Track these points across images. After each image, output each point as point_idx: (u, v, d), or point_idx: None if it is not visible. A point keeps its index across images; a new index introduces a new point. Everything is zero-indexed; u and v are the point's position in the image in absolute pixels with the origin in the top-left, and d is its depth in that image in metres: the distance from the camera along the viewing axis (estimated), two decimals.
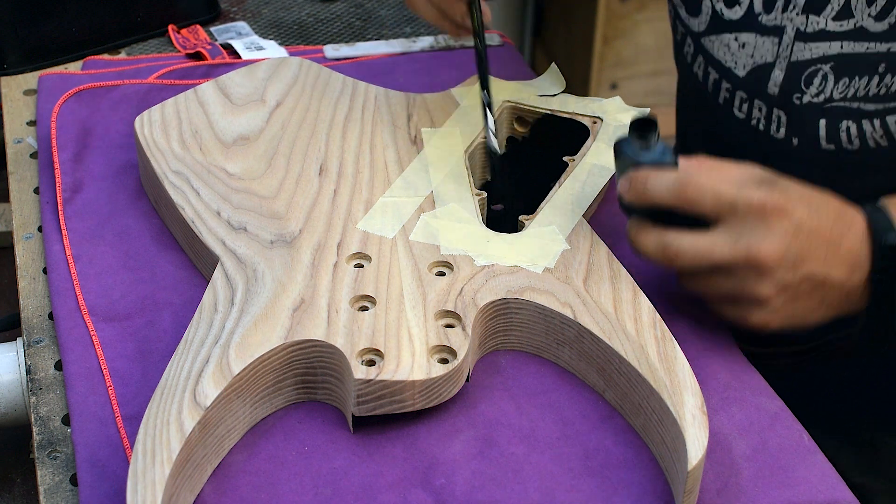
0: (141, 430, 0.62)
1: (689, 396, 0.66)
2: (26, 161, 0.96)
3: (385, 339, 0.69)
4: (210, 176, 0.83)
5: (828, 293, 0.72)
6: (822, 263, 0.71)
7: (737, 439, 0.70)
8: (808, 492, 0.67)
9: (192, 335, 0.69)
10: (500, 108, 0.92)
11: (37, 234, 0.88)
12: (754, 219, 0.70)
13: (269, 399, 0.70)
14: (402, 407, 0.68)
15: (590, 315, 0.71)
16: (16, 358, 0.78)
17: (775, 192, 0.70)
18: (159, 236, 0.85)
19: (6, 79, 1.07)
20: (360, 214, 0.80)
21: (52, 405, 0.73)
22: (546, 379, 0.73)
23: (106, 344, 0.76)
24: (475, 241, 0.77)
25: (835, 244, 0.71)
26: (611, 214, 0.88)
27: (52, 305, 0.79)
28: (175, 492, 0.62)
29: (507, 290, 0.73)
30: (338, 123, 0.90)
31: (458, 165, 0.85)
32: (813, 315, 0.74)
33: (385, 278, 0.74)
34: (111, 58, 1.10)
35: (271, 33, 1.17)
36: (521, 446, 0.69)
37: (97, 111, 0.99)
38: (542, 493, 0.66)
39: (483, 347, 0.74)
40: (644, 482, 0.67)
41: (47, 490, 0.68)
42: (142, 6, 1.13)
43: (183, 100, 0.91)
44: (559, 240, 0.78)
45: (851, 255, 0.72)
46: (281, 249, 0.76)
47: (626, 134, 0.74)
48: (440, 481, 0.66)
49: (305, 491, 0.66)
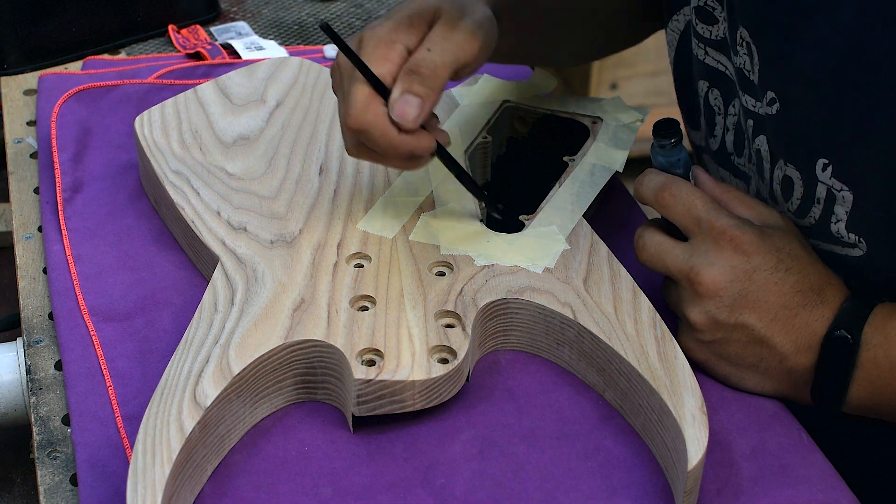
0: (141, 430, 0.62)
1: (689, 396, 0.66)
2: (26, 161, 0.96)
3: (385, 339, 0.69)
4: (210, 176, 0.83)
5: (766, 358, 0.70)
6: (766, 321, 0.69)
7: (736, 439, 0.70)
8: (807, 491, 0.67)
9: (192, 335, 0.69)
10: (499, 108, 0.92)
11: (37, 234, 0.87)
12: (711, 243, 0.69)
13: (269, 399, 0.70)
14: (402, 407, 0.68)
15: (590, 315, 0.71)
16: (16, 358, 0.78)
17: (747, 231, 0.69)
18: (159, 236, 0.85)
19: (6, 79, 1.07)
20: (360, 214, 0.80)
21: (52, 405, 0.73)
22: (546, 379, 0.73)
23: (106, 344, 0.76)
24: (475, 241, 0.77)
25: (788, 311, 0.69)
26: (611, 214, 0.88)
27: (52, 305, 0.79)
28: (175, 492, 0.62)
29: (507, 290, 0.73)
30: (338, 123, 0.90)
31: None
32: (748, 376, 0.71)
33: (385, 278, 0.74)
34: (111, 58, 1.10)
35: (271, 33, 1.17)
36: (521, 446, 0.69)
37: (97, 111, 0.99)
38: (542, 493, 0.66)
39: (483, 347, 0.74)
40: (644, 482, 0.67)
41: (47, 490, 0.68)
42: (142, 6, 1.13)
43: (183, 100, 0.91)
44: (559, 240, 0.78)
45: (805, 332, 0.69)
46: (281, 249, 0.76)
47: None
48: (440, 481, 0.66)
49: (305, 491, 0.66)
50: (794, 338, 0.69)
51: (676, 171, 0.74)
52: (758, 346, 0.70)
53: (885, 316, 0.68)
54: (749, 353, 0.71)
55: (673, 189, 0.72)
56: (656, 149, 0.74)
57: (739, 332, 0.70)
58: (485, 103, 0.92)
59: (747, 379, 0.72)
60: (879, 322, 0.68)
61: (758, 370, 0.71)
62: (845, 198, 0.71)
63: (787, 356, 0.70)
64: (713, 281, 0.69)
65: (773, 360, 0.70)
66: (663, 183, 0.72)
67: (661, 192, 0.72)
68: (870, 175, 0.70)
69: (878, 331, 0.68)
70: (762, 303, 0.69)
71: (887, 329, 0.68)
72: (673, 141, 0.73)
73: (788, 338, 0.69)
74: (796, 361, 0.70)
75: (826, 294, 0.70)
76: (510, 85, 0.94)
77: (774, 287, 0.69)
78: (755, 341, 0.70)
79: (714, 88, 0.83)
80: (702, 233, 0.70)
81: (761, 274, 0.69)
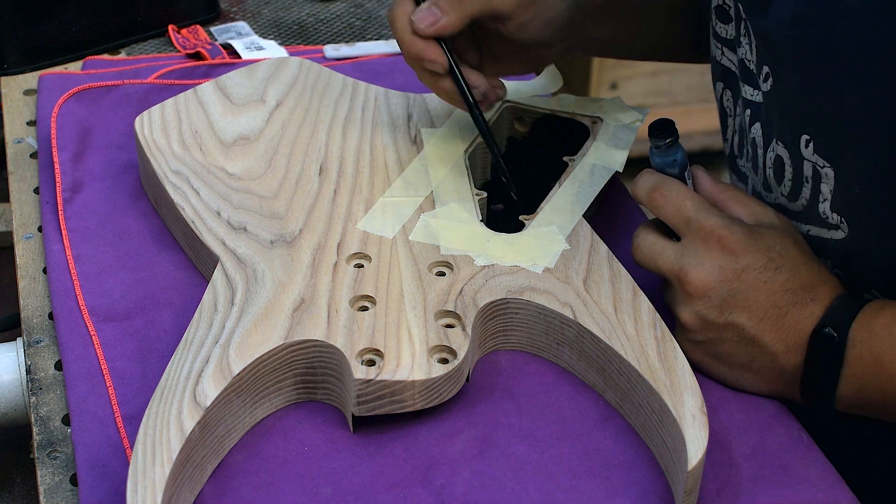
0: (141, 430, 0.62)
1: (689, 396, 0.66)
2: (26, 161, 0.96)
3: (385, 338, 0.69)
4: (210, 176, 0.83)
5: (757, 358, 0.70)
6: (755, 321, 0.69)
7: (736, 439, 0.70)
8: (807, 491, 0.67)
9: (192, 335, 0.69)
10: (499, 108, 0.92)
11: (37, 234, 0.87)
12: (700, 243, 0.70)
13: (269, 399, 0.70)
14: (402, 407, 0.68)
15: (590, 315, 0.71)
16: (16, 358, 0.78)
17: (736, 231, 0.69)
18: (159, 236, 0.85)
19: (6, 79, 1.07)
20: (360, 214, 0.80)
21: (52, 405, 0.73)
22: (546, 379, 0.73)
23: (106, 344, 0.76)
24: (475, 241, 0.77)
25: (778, 310, 0.69)
26: (611, 214, 0.88)
27: (52, 305, 0.79)
28: (175, 492, 0.62)
29: (507, 290, 0.73)
30: (338, 123, 0.90)
31: (458, 165, 0.85)
32: (743, 376, 0.72)
33: (385, 278, 0.74)
34: (111, 58, 1.10)
35: (271, 33, 1.17)
36: (521, 446, 0.69)
37: (97, 111, 0.99)
38: (542, 493, 0.66)
39: (483, 347, 0.74)
40: (644, 482, 0.67)
41: (47, 490, 0.68)
42: (142, 6, 1.13)
43: (183, 100, 0.91)
44: (559, 240, 0.78)
45: (794, 330, 0.69)
46: (281, 249, 0.76)
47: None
48: (440, 481, 0.66)
49: (305, 491, 0.66)
50: (784, 336, 0.69)
51: (671, 172, 0.74)
52: (749, 346, 0.70)
53: (873, 312, 0.68)
54: (741, 352, 0.71)
55: (664, 189, 0.72)
56: (652, 149, 0.74)
57: (730, 331, 0.70)
58: None
59: (742, 379, 0.72)
60: (867, 318, 0.68)
61: (751, 370, 0.71)
62: (828, 175, 0.72)
63: (778, 355, 0.70)
64: (701, 281, 0.69)
65: (765, 359, 0.70)
66: (655, 183, 0.73)
67: (652, 193, 0.73)
68: (847, 150, 0.71)
69: (864, 327, 0.68)
70: (751, 302, 0.69)
71: (872, 325, 0.68)
72: (668, 141, 0.73)
73: (778, 336, 0.69)
74: (787, 360, 0.70)
75: (817, 292, 0.70)
76: (510, 85, 0.94)
77: (763, 286, 0.69)
78: (746, 341, 0.70)
79: (727, 89, 0.84)
80: (691, 233, 0.70)
81: (750, 273, 0.69)
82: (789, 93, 0.73)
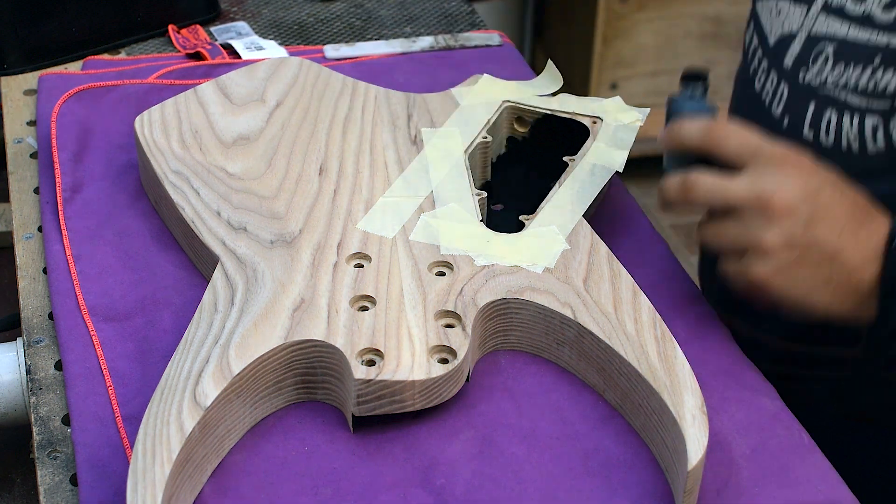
0: (141, 430, 0.62)
1: (689, 396, 0.66)
2: (26, 161, 0.96)
3: (385, 339, 0.69)
4: (210, 176, 0.83)
5: (836, 272, 0.71)
6: (836, 234, 0.70)
7: (737, 439, 0.70)
8: (808, 492, 0.67)
9: (192, 335, 0.69)
10: (499, 108, 0.92)
11: (37, 234, 0.88)
12: (775, 166, 0.70)
13: (269, 399, 0.70)
14: (402, 407, 0.68)
15: (590, 315, 0.71)
16: (16, 358, 0.78)
17: (805, 155, 0.71)
18: (159, 236, 0.85)
19: (6, 79, 1.07)
20: (360, 214, 0.80)
21: (52, 405, 0.73)
22: (546, 379, 0.73)
23: (106, 344, 0.76)
24: (475, 241, 0.77)
25: (855, 223, 0.70)
26: (611, 214, 0.88)
27: (52, 305, 0.79)
28: (175, 492, 0.62)
29: (507, 290, 0.73)
30: (338, 123, 0.90)
31: (458, 165, 0.85)
32: (818, 294, 0.71)
33: (385, 278, 0.74)
34: (111, 58, 1.10)
35: (271, 33, 1.17)
36: (521, 446, 0.69)
37: (97, 111, 0.99)
38: (542, 493, 0.66)
39: (483, 347, 0.74)
40: (644, 482, 0.67)
41: (47, 490, 0.68)
42: (142, 6, 1.13)
43: (183, 100, 0.91)
44: (559, 240, 0.78)
45: (869, 244, 0.70)
46: (281, 249, 0.76)
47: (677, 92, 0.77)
48: (440, 481, 0.66)
49: (305, 491, 0.66)
50: (861, 249, 0.70)
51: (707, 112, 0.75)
52: (830, 263, 0.70)
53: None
54: (823, 270, 0.71)
55: (720, 126, 0.72)
56: (682, 100, 0.75)
57: (814, 250, 0.70)
58: (485, 103, 0.92)
59: (819, 300, 0.72)
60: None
61: (828, 286, 0.71)
62: None
63: (855, 269, 0.70)
64: (786, 199, 0.69)
65: (843, 275, 0.71)
66: (707, 124, 0.72)
67: (710, 132, 0.72)
68: None
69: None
70: (831, 217, 0.70)
71: None
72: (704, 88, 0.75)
73: (856, 251, 0.70)
74: (862, 276, 0.70)
75: (872, 210, 0.72)
76: (510, 85, 0.94)
77: (840, 200, 0.70)
78: (827, 259, 0.70)
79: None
80: (762, 159, 0.70)
81: (826, 189, 0.70)
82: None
